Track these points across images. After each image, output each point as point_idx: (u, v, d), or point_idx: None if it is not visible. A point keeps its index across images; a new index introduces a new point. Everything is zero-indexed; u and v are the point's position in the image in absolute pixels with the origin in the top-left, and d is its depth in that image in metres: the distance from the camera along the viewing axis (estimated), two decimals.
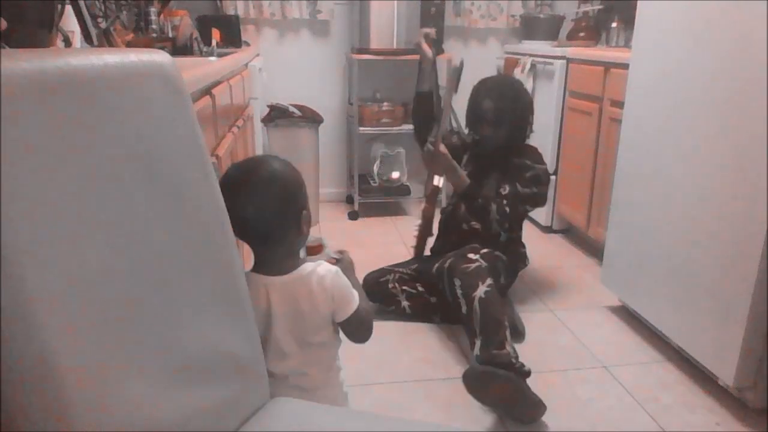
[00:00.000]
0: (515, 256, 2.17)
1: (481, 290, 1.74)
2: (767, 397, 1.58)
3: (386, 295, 2.12)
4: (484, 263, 1.84)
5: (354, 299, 1.05)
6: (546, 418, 1.59)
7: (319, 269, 1.03)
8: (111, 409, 0.60)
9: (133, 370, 0.64)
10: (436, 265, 2.02)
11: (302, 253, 1.14)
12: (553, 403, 1.64)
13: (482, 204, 2.04)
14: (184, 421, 0.71)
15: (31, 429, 0.53)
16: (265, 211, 0.99)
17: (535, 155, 2.15)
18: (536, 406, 1.56)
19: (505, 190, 2.05)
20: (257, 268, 1.05)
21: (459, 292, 1.79)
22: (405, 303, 2.11)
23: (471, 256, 1.86)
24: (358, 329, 1.07)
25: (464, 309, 1.75)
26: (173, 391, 0.70)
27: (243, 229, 0.98)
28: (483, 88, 2.16)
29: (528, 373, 1.62)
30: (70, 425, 0.55)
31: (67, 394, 0.55)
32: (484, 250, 1.92)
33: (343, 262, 1.13)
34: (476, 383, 1.59)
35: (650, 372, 1.82)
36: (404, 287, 2.12)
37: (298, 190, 1.03)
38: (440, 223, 2.29)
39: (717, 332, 1.62)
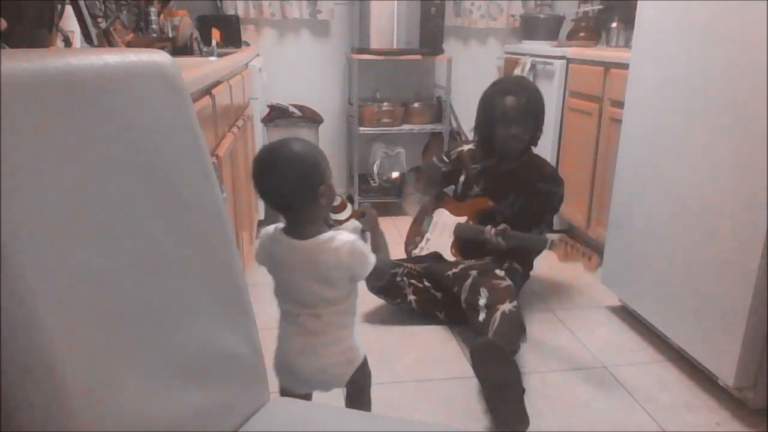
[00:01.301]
0: (529, 263, 2.21)
1: (507, 306, 1.77)
2: (767, 397, 1.58)
3: (393, 287, 2.11)
4: (511, 283, 1.88)
5: (369, 262, 1.17)
6: (546, 418, 1.59)
7: (335, 241, 1.14)
8: (111, 408, 0.60)
9: (133, 370, 0.64)
10: (453, 271, 2.03)
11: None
12: (553, 403, 1.64)
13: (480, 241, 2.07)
14: (184, 421, 0.71)
15: (31, 429, 0.53)
16: (284, 184, 1.13)
17: (556, 177, 2.17)
18: (523, 415, 1.53)
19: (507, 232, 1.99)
20: (285, 230, 1.19)
21: (483, 302, 1.80)
22: (411, 297, 2.11)
23: (498, 272, 1.92)
24: (373, 281, 1.25)
25: (482, 317, 1.76)
26: (173, 391, 0.70)
27: (269, 199, 1.17)
28: (500, 88, 2.10)
29: (523, 390, 1.60)
30: (70, 425, 0.55)
31: (67, 394, 0.55)
32: (506, 265, 1.98)
33: (367, 216, 1.28)
34: (484, 352, 1.60)
35: (650, 372, 1.82)
36: (412, 281, 2.12)
37: (314, 167, 1.14)
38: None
39: (717, 332, 1.62)
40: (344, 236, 1.15)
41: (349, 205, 1.26)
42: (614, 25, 3.03)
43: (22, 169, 0.55)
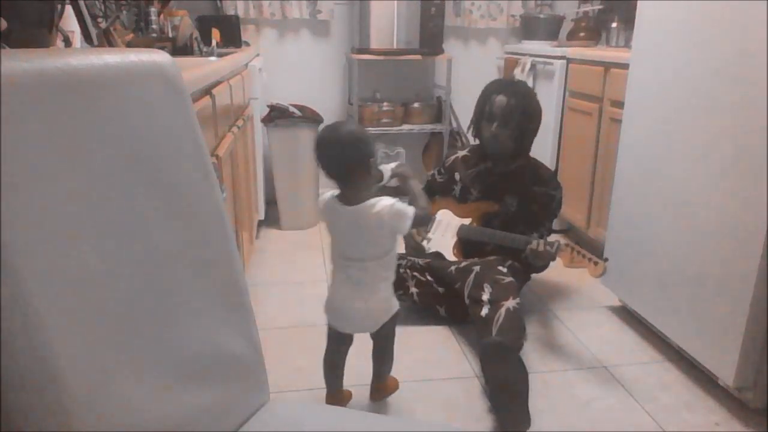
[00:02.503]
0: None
1: (512, 303, 1.76)
2: (767, 397, 1.58)
3: (397, 278, 2.11)
4: (513, 279, 1.88)
5: (408, 216, 1.38)
6: (546, 418, 1.59)
7: (377, 206, 1.37)
8: (111, 409, 0.60)
9: (133, 370, 0.64)
10: (456, 266, 2.03)
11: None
12: (553, 403, 1.63)
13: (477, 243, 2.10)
14: (184, 421, 0.71)
15: (31, 429, 0.53)
16: (344, 156, 1.37)
17: (553, 181, 2.17)
18: (525, 416, 1.54)
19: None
20: (339, 197, 1.42)
21: (486, 297, 1.80)
22: (414, 289, 2.12)
23: (501, 268, 1.91)
24: (417, 226, 1.48)
25: (485, 312, 1.75)
26: (173, 391, 0.70)
27: (330, 171, 1.39)
28: (495, 86, 2.15)
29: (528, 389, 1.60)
30: (70, 425, 0.55)
31: (67, 394, 0.55)
32: (509, 263, 1.98)
33: (402, 173, 1.53)
34: (493, 352, 1.60)
35: (650, 372, 1.82)
36: (415, 273, 2.13)
37: (366, 144, 1.38)
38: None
39: (717, 332, 1.62)
40: (385, 201, 1.37)
41: (384, 174, 1.51)
42: (614, 25, 3.03)
43: (22, 170, 0.55)
